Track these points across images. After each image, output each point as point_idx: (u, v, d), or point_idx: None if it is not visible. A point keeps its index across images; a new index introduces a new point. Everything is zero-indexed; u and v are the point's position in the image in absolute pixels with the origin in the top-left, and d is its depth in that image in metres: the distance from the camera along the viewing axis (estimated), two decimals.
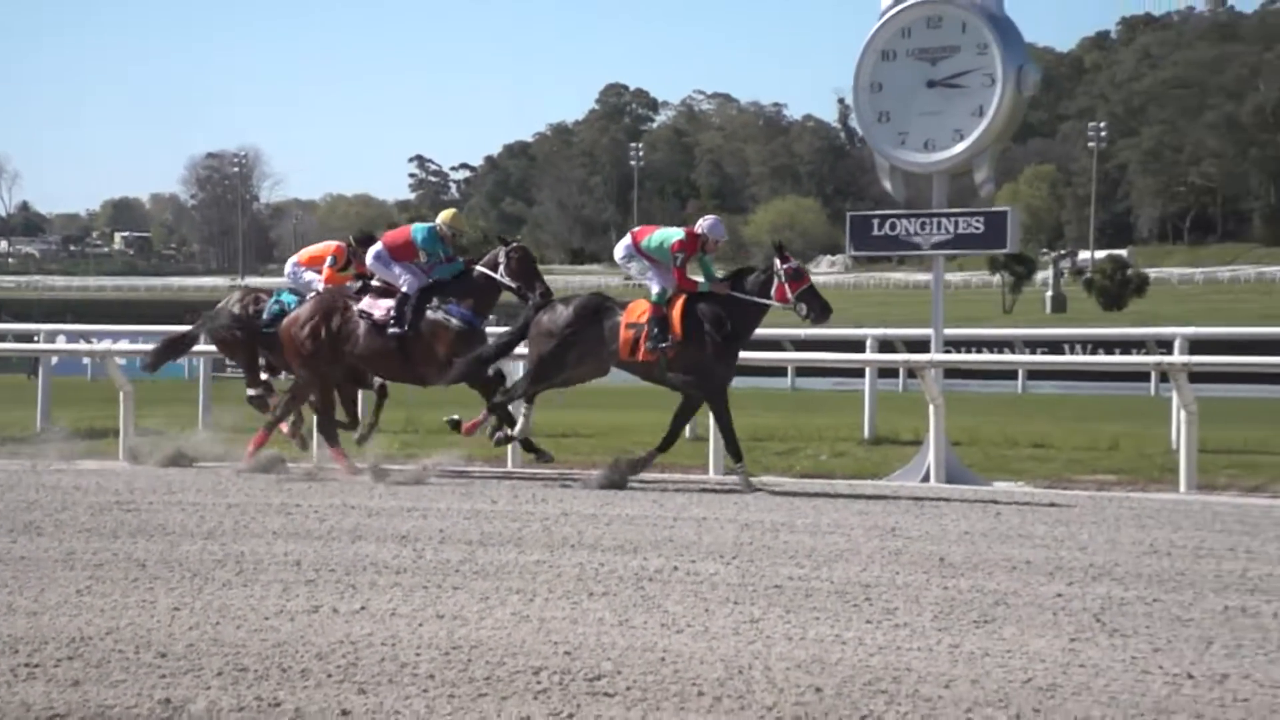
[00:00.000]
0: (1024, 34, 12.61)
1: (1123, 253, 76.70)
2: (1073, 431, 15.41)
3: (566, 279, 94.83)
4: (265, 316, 13.07)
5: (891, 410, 16.70)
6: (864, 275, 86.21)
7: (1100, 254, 76.86)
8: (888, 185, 13.09)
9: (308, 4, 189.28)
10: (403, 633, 6.14)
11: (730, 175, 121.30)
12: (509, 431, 11.90)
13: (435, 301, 12.00)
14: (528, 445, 12.10)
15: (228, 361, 17.48)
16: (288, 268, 13.77)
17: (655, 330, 11.26)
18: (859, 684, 5.36)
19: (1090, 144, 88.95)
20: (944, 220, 12.69)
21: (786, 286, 11.27)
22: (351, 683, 5.38)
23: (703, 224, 11.77)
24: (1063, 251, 78.27)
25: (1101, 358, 21.18)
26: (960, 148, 12.47)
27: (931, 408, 12.20)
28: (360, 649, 5.85)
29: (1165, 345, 16.25)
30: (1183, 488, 11.38)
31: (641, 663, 5.65)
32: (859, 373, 17.16)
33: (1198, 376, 13.07)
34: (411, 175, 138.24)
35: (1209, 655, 5.85)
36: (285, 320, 12.53)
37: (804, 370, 23.46)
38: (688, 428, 12.42)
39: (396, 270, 12.17)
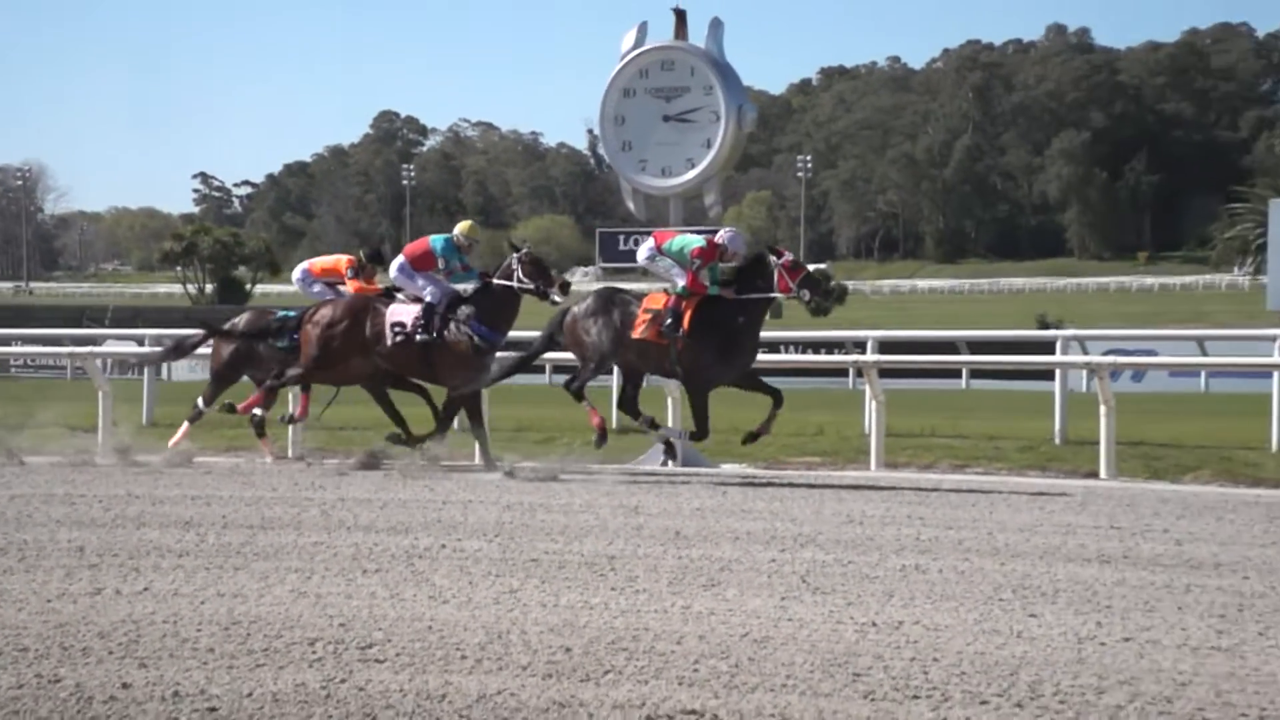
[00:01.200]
0: (742, 78, 12.99)
1: (824, 266, 79.27)
2: (786, 420, 15.70)
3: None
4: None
5: (641, 404, 16.79)
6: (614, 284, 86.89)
7: (809, 268, 79.24)
8: (631, 206, 13.38)
9: (94, 20, 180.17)
10: (184, 611, 5.86)
11: (494, 195, 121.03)
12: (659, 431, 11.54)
13: (462, 315, 11.43)
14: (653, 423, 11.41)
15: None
16: (297, 273, 13.18)
17: (670, 319, 10.79)
18: (604, 643, 5.36)
19: (799, 174, 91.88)
20: None
21: (787, 277, 10.78)
22: (133, 658, 5.11)
23: (723, 235, 11.16)
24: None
25: (809, 356, 21.79)
26: (692, 174, 12.82)
27: (670, 401, 12.39)
28: (142, 627, 5.56)
29: (860, 346, 16.84)
30: (873, 466, 11.79)
31: (410, 631, 5.54)
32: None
33: (886, 372, 13.65)
34: (196, 190, 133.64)
35: (889, 606, 6.05)
36: (312, 317, 11.80)
37: (561, 367, 23.40)
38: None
39: (420, 281, 11.62)
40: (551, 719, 4.47)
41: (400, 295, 11.82)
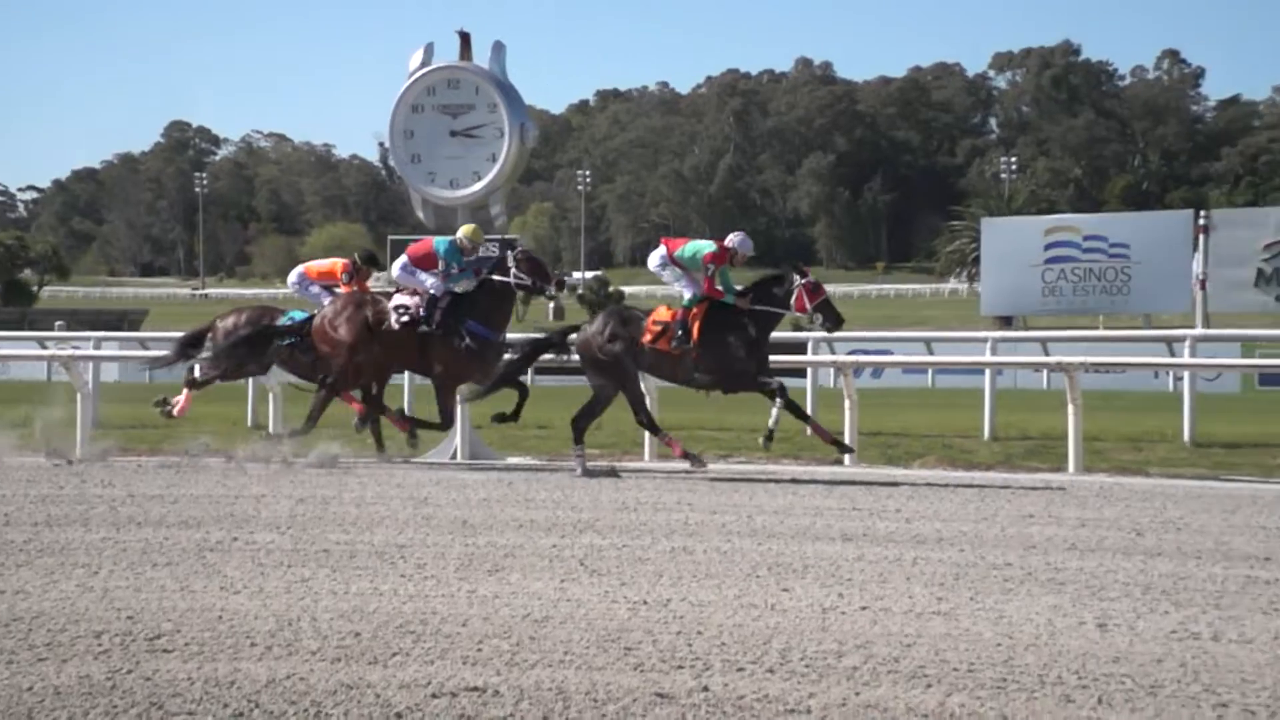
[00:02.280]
0: (524, 97, 13.02)
1: (600, 273, 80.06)
2: (567, 415, 15.77)
3: (136, 290, 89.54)
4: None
5: (430, 400, 16.53)
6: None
7: (589, 274, 79.80)
8: (421, 215, 13.24)
9: None
10: None
11: (287, 203, 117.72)
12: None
13: (461, 318, 11.01)
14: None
15: None
16: (293, 276, 12.45)
17: (679, 332, 10.44)
18: (392, 627, 5.27)
19: (579, 187, 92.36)
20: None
21: (806, 298, 10.41)
22: None
23: (732, 239, 10.74)
24: (561, 271, 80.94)
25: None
26: (479, 186, 12.75)
27: (459, 399, 12.23)
28: None
29: None
30: (646, 457, 11.91)
31: (200, 622, 5.33)
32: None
33: None
34: None
35: (659, 585, 6.13)
36: (317, 320, 11.41)
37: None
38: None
39: (422, 277, 11.19)
40: (339, 700, 4.37)
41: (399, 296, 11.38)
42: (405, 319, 11.03)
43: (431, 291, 11.10)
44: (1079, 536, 7.37)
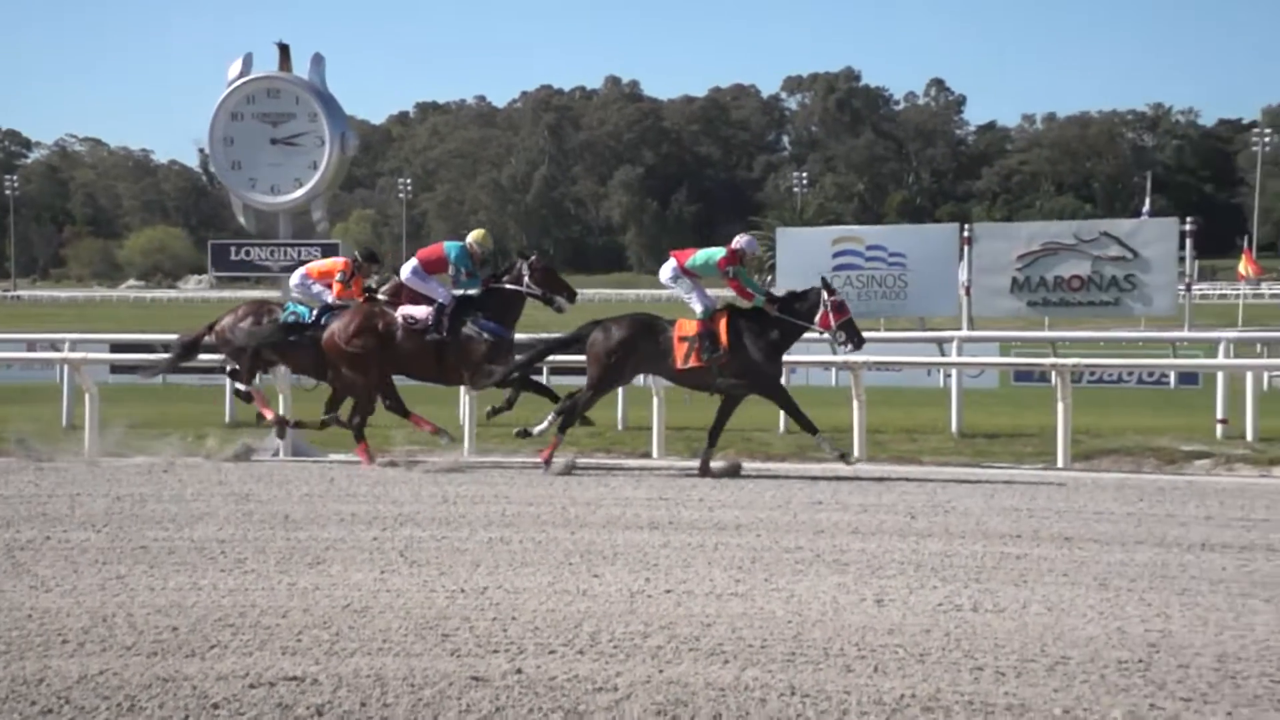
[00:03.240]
0: (345, 108, 12.79)
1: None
2: (389, 414, 15.56)
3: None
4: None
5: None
6: (229, 293, 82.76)
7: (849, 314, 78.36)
8: (243, 220, 12.89)
9: None
10: None
11: (104, 207, 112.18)
12: (530, 427, 10.57)
13: (472, 315, 10.56)
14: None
15: None
16: (295, 278, 11.58)
17: (707, 343, 10.04)
18: (211, 621, 5.09)
19: (400, 195, 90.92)
20: (289, 249, 12.72)
21: (831, 316, 10.08)
22: None
23: (740, 241, 10.47)
24: (383, 276, 79.47)
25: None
26: (300, 193, 12.50)
27: (281, 398, 11.89)
28: None
29: None
30: (465, 453, 11.77)
31: (8, 621, 5.04)
32: (223, 369, 16.29)
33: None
34: None
35: (476, 574, 6.09)
36: (329, 331, 10.77)
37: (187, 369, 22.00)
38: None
39: (432, 283, 10.68)
40: (154, 694, 4.19)
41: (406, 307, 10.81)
42: (415, 328, 10.62)
43: (440, 301, 10.67)
44: (861, 521, 7.62)
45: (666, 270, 10.56)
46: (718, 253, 10.37)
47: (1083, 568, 6.16)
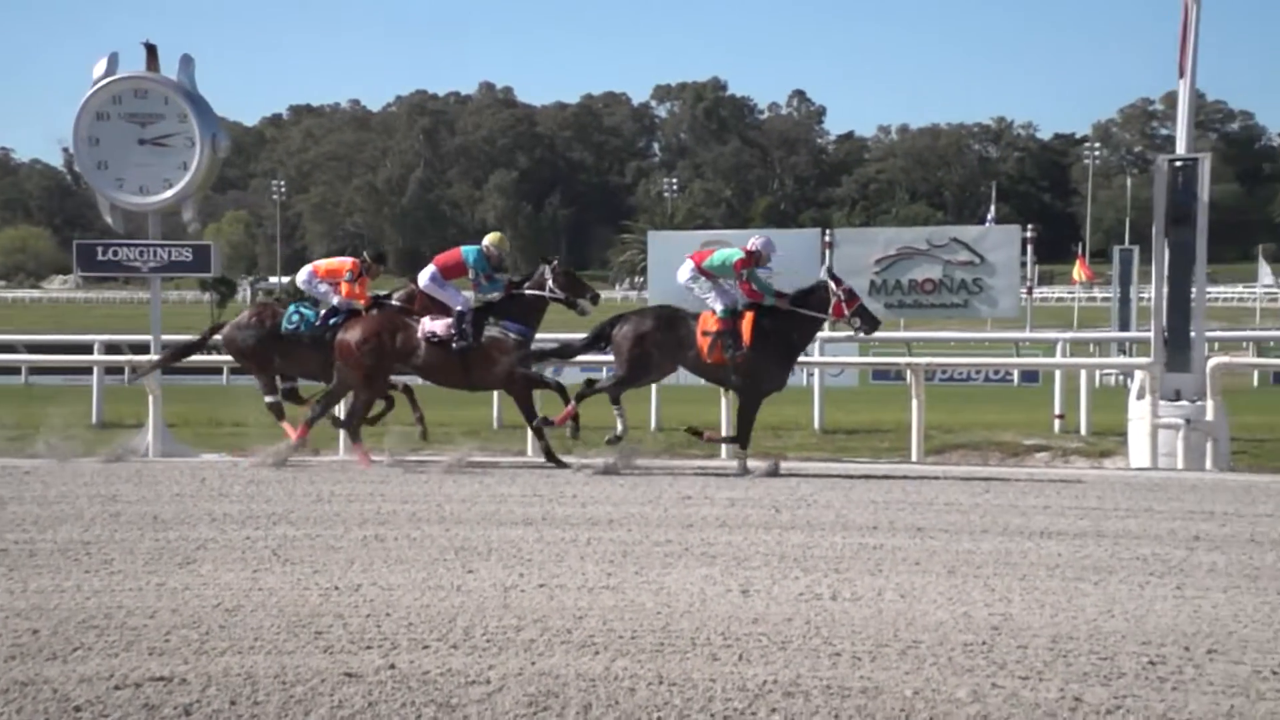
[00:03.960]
0: (216, 109, 12.45)
1: (281, 279, 77.66)
2: (265, 412, 15.20)
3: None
4: (288, 326, 10.81)
5: (118, 401, 15.48)
6: (95, 293, 79.77)
7: (285, 279, 77.15)
8: (110, 220, 12.48)
9: None
10: None
11: None
12: (616, 432, 10.21)
13: (491, 319, 10.34)
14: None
15: None
16: (303, 275, 11.16)
17: (729, 340, 9.86)
18: (74, 623, 4.89)
19: (274, 196, 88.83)
20: (159, 249, 12.40)
21: (844, 305, 9.93)
22: None
23: (756, 242, 10.30)
24: (256, 276, 77.66)
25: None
26: (169, 193, 12.17)
27: (151, 398, 11.51)
28: None
29: None
30: (341, 452, 11.56)
31: None
32: (89, 370, 15.72)
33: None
34: None
35: (351, 571, 5.98)
36: (343, 334, 10.38)
37: (37, 369, 21.11)
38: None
39: (450, 290, 10.40)
40: (13, 698, 4.01)
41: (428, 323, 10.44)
42: (436, 342, 10.33)
43: (460, 309, 10.39)
44: (728, 515, 7.70)
45: (685, 272, 10.39)
46: (735, 254, 10.26)
47: (933, 556, 6.33)
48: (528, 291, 10.56)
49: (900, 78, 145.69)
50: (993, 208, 50.49)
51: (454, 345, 10.23)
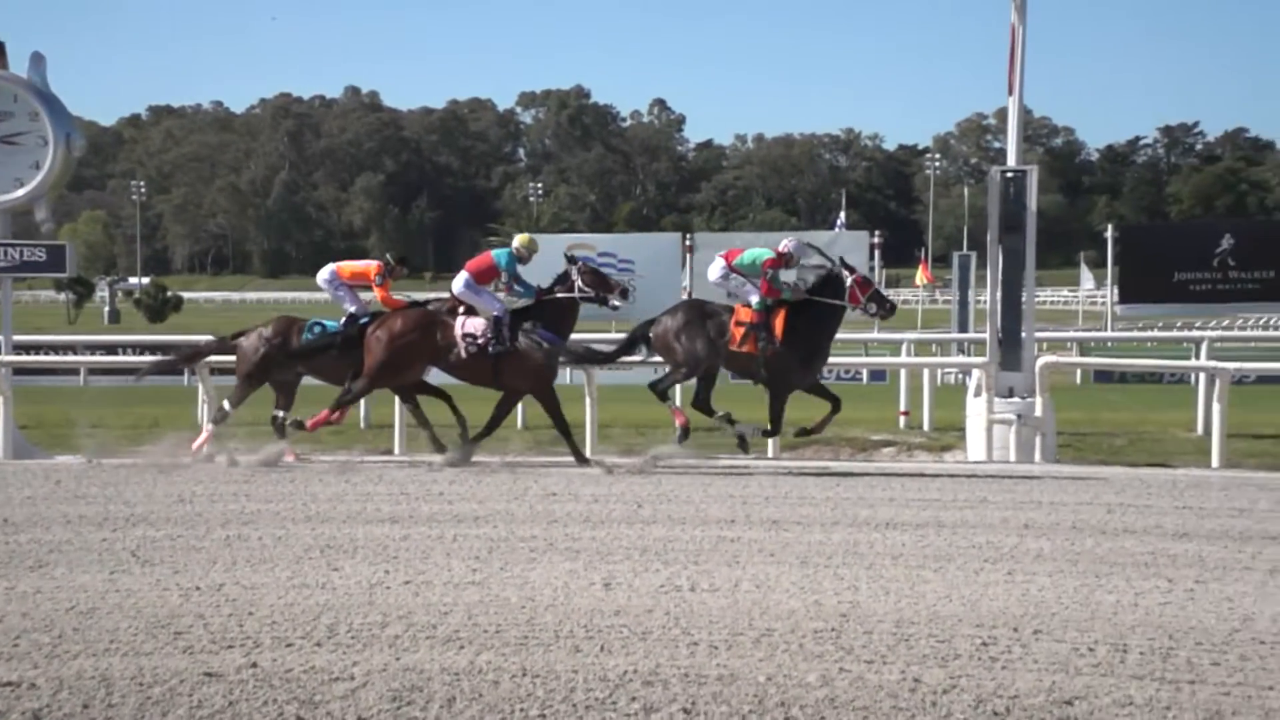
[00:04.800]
0: (72, 109, 11.96)
1: (141, 280, 74.70)
2: (124, 414, 14.61)
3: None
4: (308, 338, 10.47)
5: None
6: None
7: (145, 280, 74.17)
8: None
9: None
10: None
11: None
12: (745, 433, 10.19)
13: (527, 326, 10.12)
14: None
15: None
16: (325, 274, 10.81)
17: (763, 334, 9.84)
18: None
19: (134, 197, 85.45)
20: (11, 249, 11.80)
21: (858, 291, 9.95)
22: None
23: (787, 244, 10.34)
24: (115, 277, 74.46)
25: (151, 358, 20.26)
26: (21, 193, 11.59)
27: (1, 399, 10.94)
28: None
29: None
30: (209, 451, 11.16)
31: None
32: None
33: (219, 370, 13.08)
34: None
35: (213, 571, 5.81)
36: (376, 329, 10.08)
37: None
38: None
39: (485, 295, 10.16)
40: None
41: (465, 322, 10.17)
42: (474, 349, 10.08)
43: (495, 314, 10.16)
44: (592, 510, 7.71)
45: (715, 269, 10.40)
46: (765, 254, 10.29)
47: (787, 548, 6.45)
48: (559, 294, 10.40)
49: (755, 87, 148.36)
50: (843, 214, 51.66)
51: (490, 349, 10.08)
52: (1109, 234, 16.88)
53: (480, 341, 10.08)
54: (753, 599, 5.34)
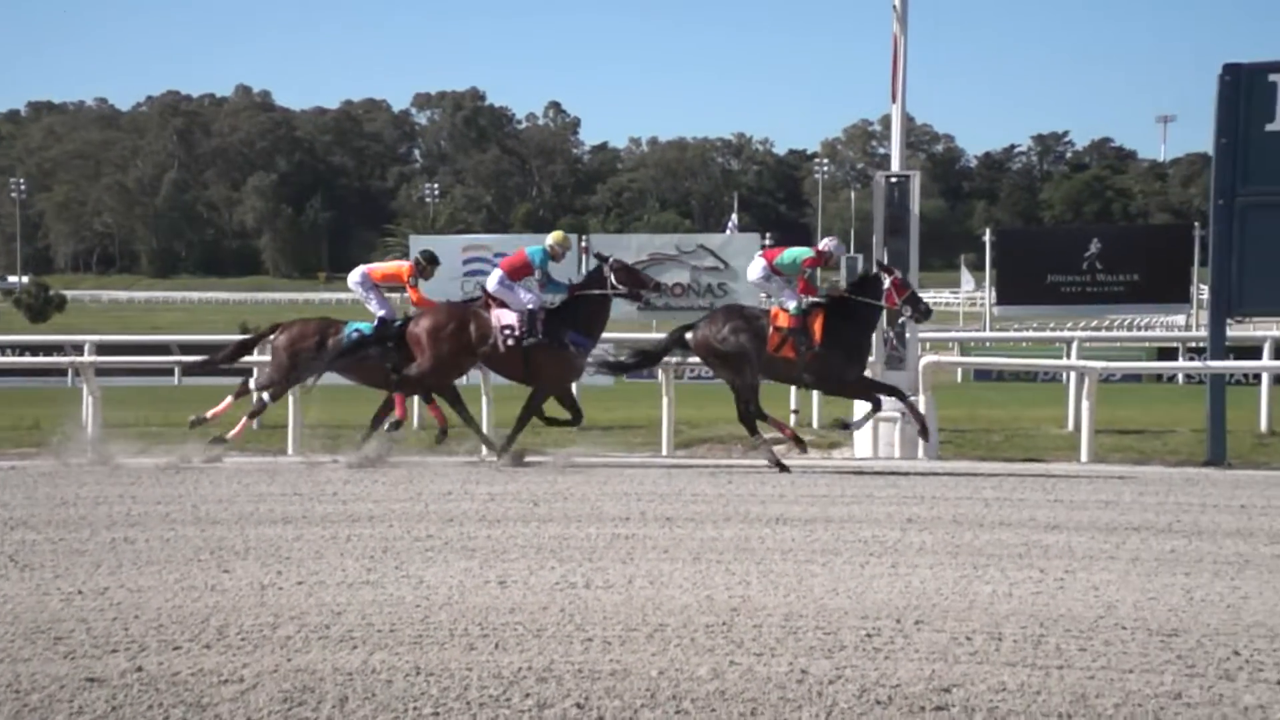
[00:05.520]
0: None
1: (21, 279, 71.87)
2: (4, 415, 14.06)
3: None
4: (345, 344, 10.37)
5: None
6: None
7: (25, 279, 71.33)
8: None
9: None
10: None
11: None
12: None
13: (559, 326, 10.14)
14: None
15: None
16: (356, 276, 10.68)
17: (802, 338, 9.79)
18: None
19: (13, 195, 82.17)
20: None
21: (895, 293, 9.88)
22: None
23: (827, 244, 10.41)
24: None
25: (29, 359, 19.50)
26: None
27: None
28: None
29: (79, 349, 15.37)
30: (89, 454, 10.79)
31: None
32: None
33: (104, 371, 12.69)
34: None
35: (97, 575, 5.61)
36: (416, 324, 10.13)
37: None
38: None
39: (519, 291, 10.16)
40: None
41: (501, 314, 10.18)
42: (511, 342, 10.10)
43: (530, 307, 10.17)
44: (488, 509, 7.65)
45: (756, 270, 10.33)
46: (805, 253, 10.26)
47: (680, 544, 6.49)
48: (594, 292, 10.39)
49: (650, 93, 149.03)
50: (734, 217, 52.21)
51: (524, 342, 10.10)
52: (987, 238, 17.38)
53: (517, 334, 10.13)
54: (646, 595, 5.36)
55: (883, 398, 10.06)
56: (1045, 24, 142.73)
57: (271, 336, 10.80)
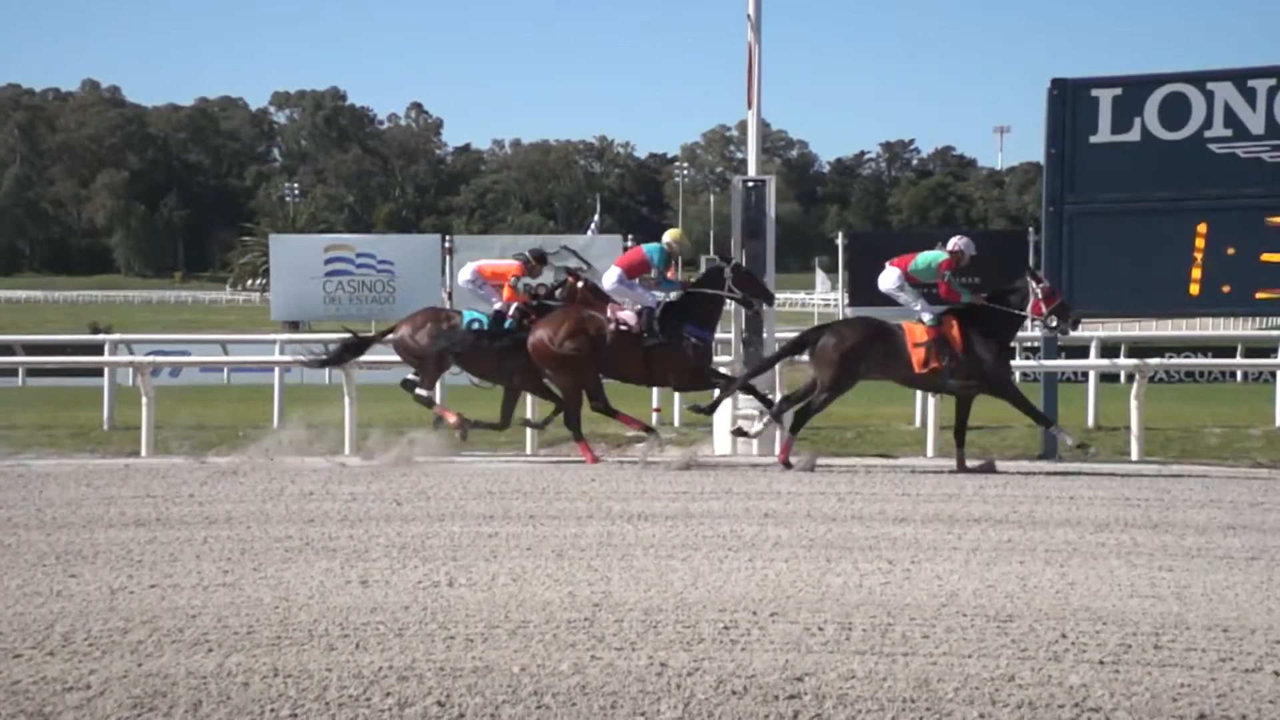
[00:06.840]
0: None
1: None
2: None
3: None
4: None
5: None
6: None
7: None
8: None
9: None
10: None
11: None
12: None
13: (679, 320, 10.01)
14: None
15: None
16: (467, 274, 10.74)
17: (945, 348, 9.63)
18: None
19: None
20: None
21: (1042, 303, 9.69)
22: None
23: (957, 243, 10.09)
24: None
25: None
26: None
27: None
28: None
29: None
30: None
31: None
32: None
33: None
34: None
35: None
36: (539, 332, 10.04)
37: None
38: None
39: (638, 289, 10.05)
40: None
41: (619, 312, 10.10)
42: (625, 329, 9.98)
43: (648, 305, 10.04)
44: (350, 509, 7.50)
45: (891, 279, 10.01)
46: (939, 256, 10.02)
47: (544, 542, 6.48)
48: (708, 291, 10.28)
49: (513, 95, 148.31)
50: (596, 218, 52.32)
51: (645, 340, 9.98)
52: (839, 241, 17.86)
53: (633, 329, 10.01)
54: (509, 592, 5.34)
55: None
56: (892, 37, 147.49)
57: (391, 335, 10.71)
